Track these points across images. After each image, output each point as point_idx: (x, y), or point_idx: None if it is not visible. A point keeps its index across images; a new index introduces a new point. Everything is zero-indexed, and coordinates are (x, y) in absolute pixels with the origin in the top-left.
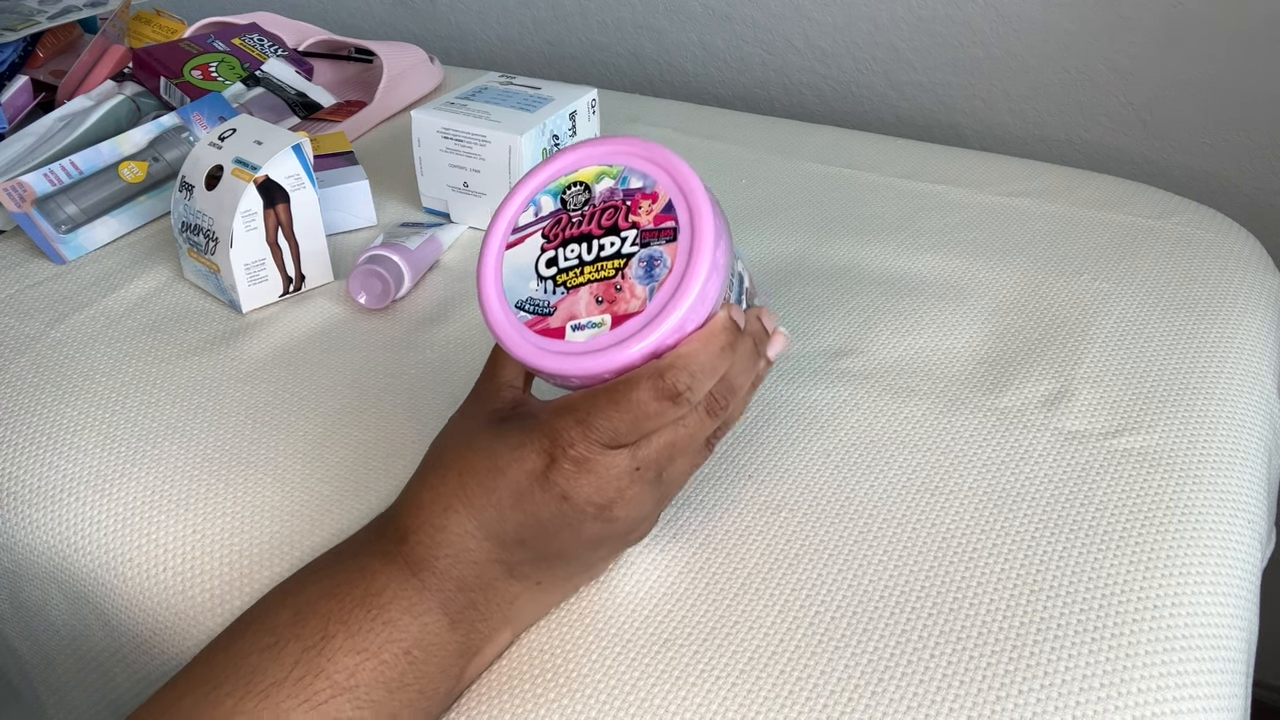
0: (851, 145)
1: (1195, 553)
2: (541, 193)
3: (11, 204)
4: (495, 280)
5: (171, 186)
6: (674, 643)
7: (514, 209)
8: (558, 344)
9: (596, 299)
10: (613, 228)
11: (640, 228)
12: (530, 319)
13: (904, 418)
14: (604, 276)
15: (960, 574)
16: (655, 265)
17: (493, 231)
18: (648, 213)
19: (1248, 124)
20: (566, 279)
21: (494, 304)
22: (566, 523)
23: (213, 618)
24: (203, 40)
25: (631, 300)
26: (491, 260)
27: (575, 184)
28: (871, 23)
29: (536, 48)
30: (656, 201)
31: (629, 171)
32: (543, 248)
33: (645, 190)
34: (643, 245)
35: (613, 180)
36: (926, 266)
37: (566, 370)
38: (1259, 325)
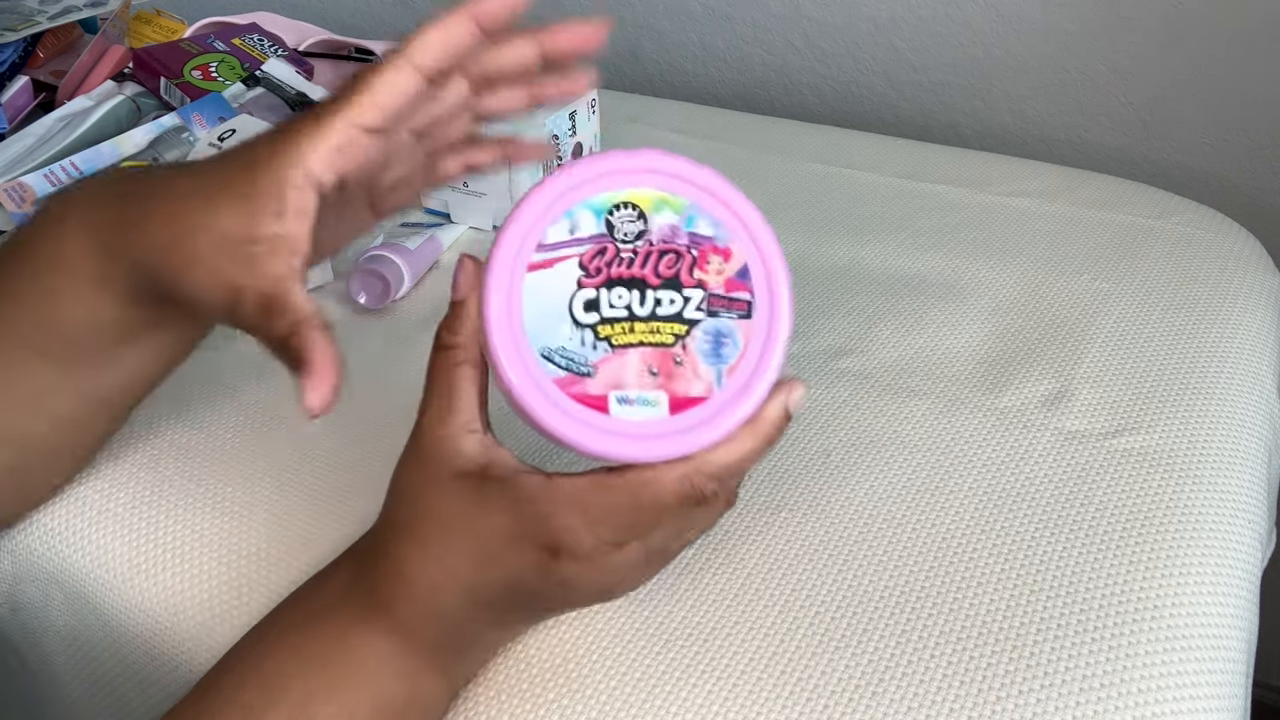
0: (851, 145)
1: (1195, 553)
2: (580, 205)
3: (11, 205)
4: (512, 311)
5: None
6: (674, 643)
7: (538, 214)
8: (600, 419)
9: (650, 370)
10: (673, 280)
11: (708, 289)
12: (562, 377)
13: (904, 418)
14: (661, 343)
15: (960, 574)
16: (724, 343)
17: (507, 239)
18: (718, 272)
19: (1248, 124)
20: (612, 334)
21: (510, 347)
22: (566, 599)
23: (212, 617)
24: (203, 40)
25: (694, 381)
26: (506, 281)
27: (627, 205)
28: (871, 23)
29: None
30: (729, 261)
31: (697, 211)
32: (580, 282)
33: (717, 243)
34: (710, 314)
35: (676, 216)
36: (926, 266)
37: (611, 453)
38: (1259, 325)
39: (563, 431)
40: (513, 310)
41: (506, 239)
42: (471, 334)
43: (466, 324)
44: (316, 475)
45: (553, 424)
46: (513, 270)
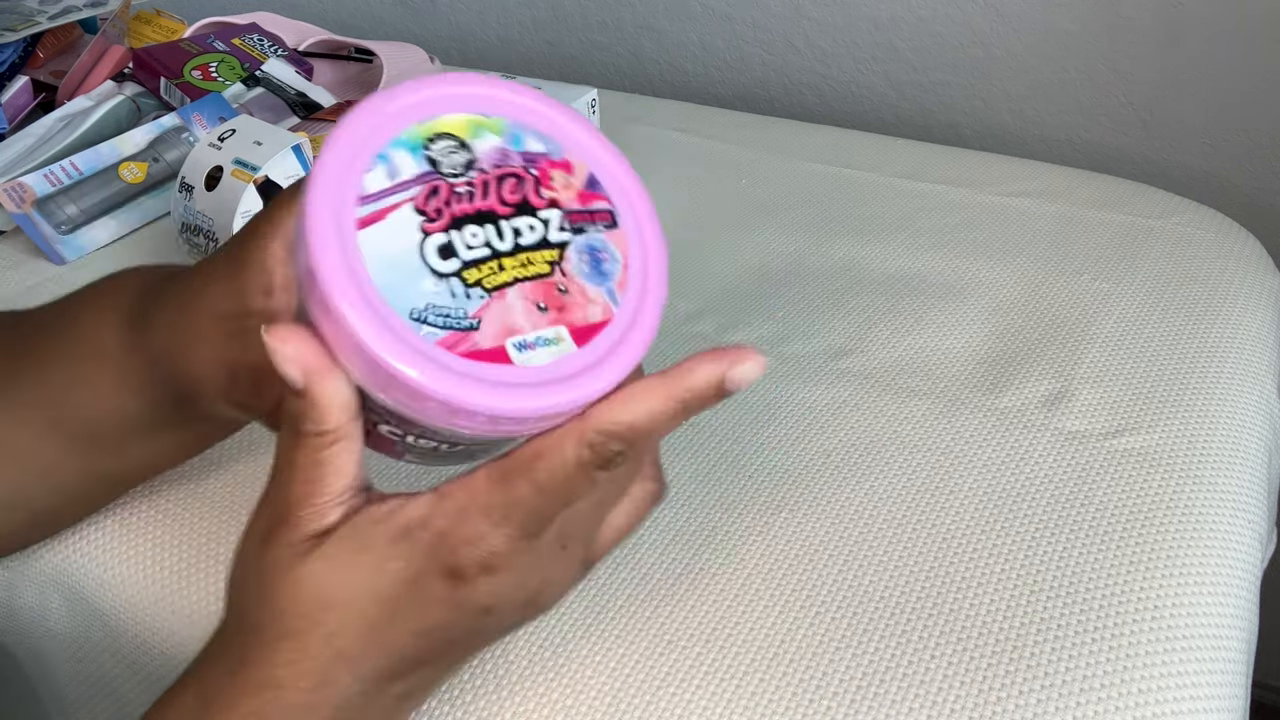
0: (851, 145)
1: (1195, 553)
2: (390, 145)
3: (11, 204)
4: (358, 278)
5: (171, 187)
6: (675, 644)
7: (345, 164)
8: (509, 372)
9: (538, 305)
10: (524, 205)
11: (564, 206)
12: (445, 336)
13: (904, 418)
14: (538, 274)
15: (960, 574)
16: (602, 259)
17: (318, 198)
18: (566, 186)
19: (1248, 124)
20: (481, 277)
21: (372, 321)
22: (485, 633)
23: (211, 616)
24: (203, 40)
25: (589, 306)
26: (336, 244)
27: (442, 136)
28: (871, 23)
29: (536, 48)
30: (573, 173)
31: (518, 127)
32: (424, 229)
33: (552, 157)
34: (575, 231)
35: (499, 138)
36: (926, 266)
37: (538, 408)
38: (1259, 325)
39: (471, 399)
40: (360, 279)
41: (317, 198)
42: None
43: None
44: None
45: (456, 393)
46: (340, 231)
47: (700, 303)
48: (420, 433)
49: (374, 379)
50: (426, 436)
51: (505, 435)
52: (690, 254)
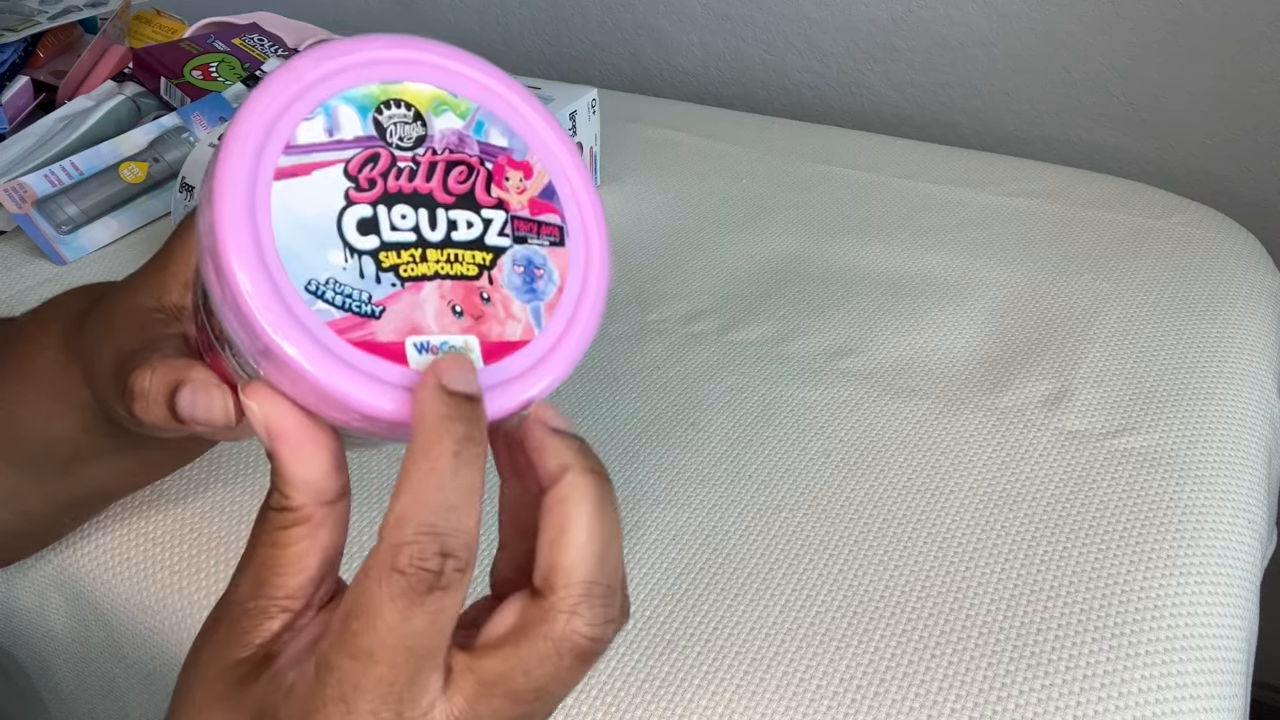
0: (851, 145)
1: (1195, 553)
2: (338, 97)
3: (12, 205)
4: (259, 230)
5: (171, 187)
6: (676, 645)
7: (282, 106)
8: (398, 373)
9: (453, 308)
10: (468, 198)
11: (511, 211)
12: (339, 319)
13: (904, 418)
14: (462, 275)
15: (960, 574)
16: (537, 276)
17: (241, 134)
18: (518, 190)
19: (1248, 124)
20: (399, 263)
21: (261, 278)
22: None
23: None
24: (203, 40)
25: (509, 322)
26: (246, 189)
27: (398, 103)
28: (871, 23)
29: (536, 48)
30: (531, 178)
31: (486, 116)
32: (349, 196)
33: (513, 155)
34: (516, 239)
35: (460, 121)
36: (926, 266)
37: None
38: (1259, 325)
39: (348, 392)
40: (260, 229)
41: (240, 134)
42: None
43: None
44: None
45: (334, 382)
46: (254, 174)
47: (700, 303)
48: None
49: (251, 345)
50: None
51: (388, 438)
52: (690, 254)
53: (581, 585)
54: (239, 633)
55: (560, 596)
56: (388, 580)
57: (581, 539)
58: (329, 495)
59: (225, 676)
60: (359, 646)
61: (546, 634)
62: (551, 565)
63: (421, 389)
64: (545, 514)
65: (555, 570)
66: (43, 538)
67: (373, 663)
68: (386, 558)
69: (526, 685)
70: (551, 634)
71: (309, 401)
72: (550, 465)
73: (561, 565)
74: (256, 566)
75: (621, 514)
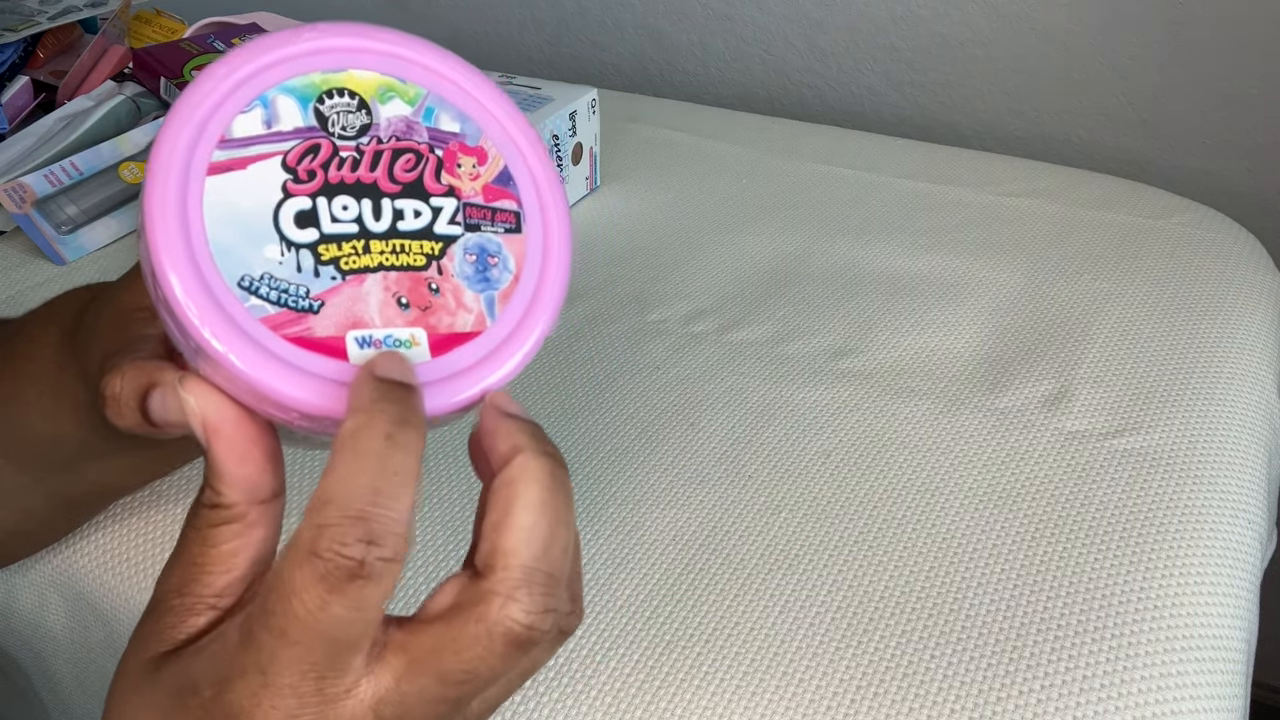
0: (851, 145)
1: (1195, 553)
2: (277, 89)
3: (12, 205)
4: (190, 225)
5: None
6: (676, 645)
7: (218, 99)
8: (337, 368)
9: (399, 300)
10: (415, 186)
11: (463, 198)
12: (273, 314)
13: (904, 418)
14: (409, 265)
15: (960, 574)
16: (491, 264)
17: (175, 128)
18: (471, 176)
19: (1248, 124)
20: (340, 255)
21: (190, 275)
22: None
23: None
24: (203, 40)
25: (460, 313)
26: (178, 184)
27: (341, 92)
28: (871, 23)
29: (536, 48)
30: (485, 164)
31: (437, 103)
32: (287, 188)
33: (465, 140)
34: (469, 227)
35: (409, 108)
36: (926, 266)
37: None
38: (1259, 325)
39: (280, 390)
40: (190, 225)
41: (174, 128)
42: (241, 491)
43: (231, 481)
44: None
45: (266, 380)
46: (186, 170)
47: (700, 303)
48: None
49: (185, 345)
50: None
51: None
52: (690, 254)
53: (521, 570)
54: (163, 628)
55: (498, 579)
56: (306, 564)
57: (526, 521)
58: (263, 493)
59: (146, 667)
60: (275, 625)
61: (480, 616)
62: (493, 547)
63: (355, 378)
64: (492, 495)
65: (495, 552)
66: (42, 537)
67: (289, 643)
68: (306, 540)
69: (455, 666)
70: (485, 617)
71: (247, 400)
72: (501, 448)
73: (502, 547)
74: (185, 563)
75: (620, 514)
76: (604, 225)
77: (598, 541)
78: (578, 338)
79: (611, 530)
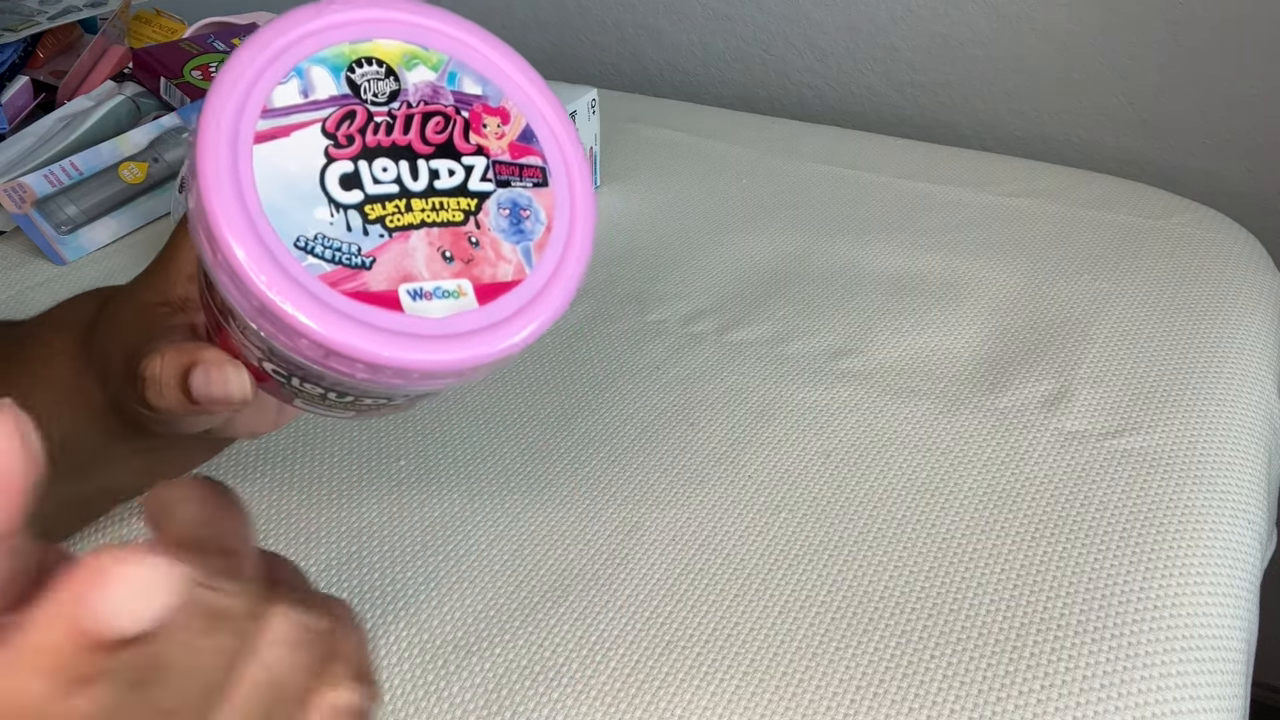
0: (851, 145)
1: (1195, 553)
2: (310, 60)
3: (12, 205)
4: (244, 193)
5: (171, 187)
6: (676, 645)
7: (256, 72)
8: (395, 319)
9: (444, 254)
10: (447, 147)
11: (491, 156)
12: (329, 272)
13: (904, 418)
14: (449, 221)
15: (960, 574)
16: (524, 217)
17: (218, 102)
18: (498, 135)
19: (1248, 124)
20: (385, 215)
21: (250, 239)
22: None
23: None
24: (203, 40)
25: (499, 263)
26: (228, 155)
27: (370, 61)
28: (871, 23)
29: (537, 48)
30: (509, 123)
31: (459, 67)
32: (329, 153)
33: (488, 101)
34: (500, 183)
35: (433, 74)
36: (926, 266)
37: (421, 363)
38: (1259, 325)
39: (347, 341)
40: (244, 192)
41: (218, 101)
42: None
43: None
44: (313, 471)
45: (331, 333)
46: (235, 140)
47: (700, 303)
48: (304, 375)
49: (247, 305)
50: (311, 380)
51: (390, 389)
52: (690, 254)
53: None
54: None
55: None
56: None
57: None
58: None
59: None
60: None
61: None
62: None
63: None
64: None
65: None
66: (47, 539)
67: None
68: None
69: None
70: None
71: (311, 356)
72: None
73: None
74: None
75: (620, 514)
76: (604, 225)
77: (598, 541)
78: (578, 338)
79: (611, 530)
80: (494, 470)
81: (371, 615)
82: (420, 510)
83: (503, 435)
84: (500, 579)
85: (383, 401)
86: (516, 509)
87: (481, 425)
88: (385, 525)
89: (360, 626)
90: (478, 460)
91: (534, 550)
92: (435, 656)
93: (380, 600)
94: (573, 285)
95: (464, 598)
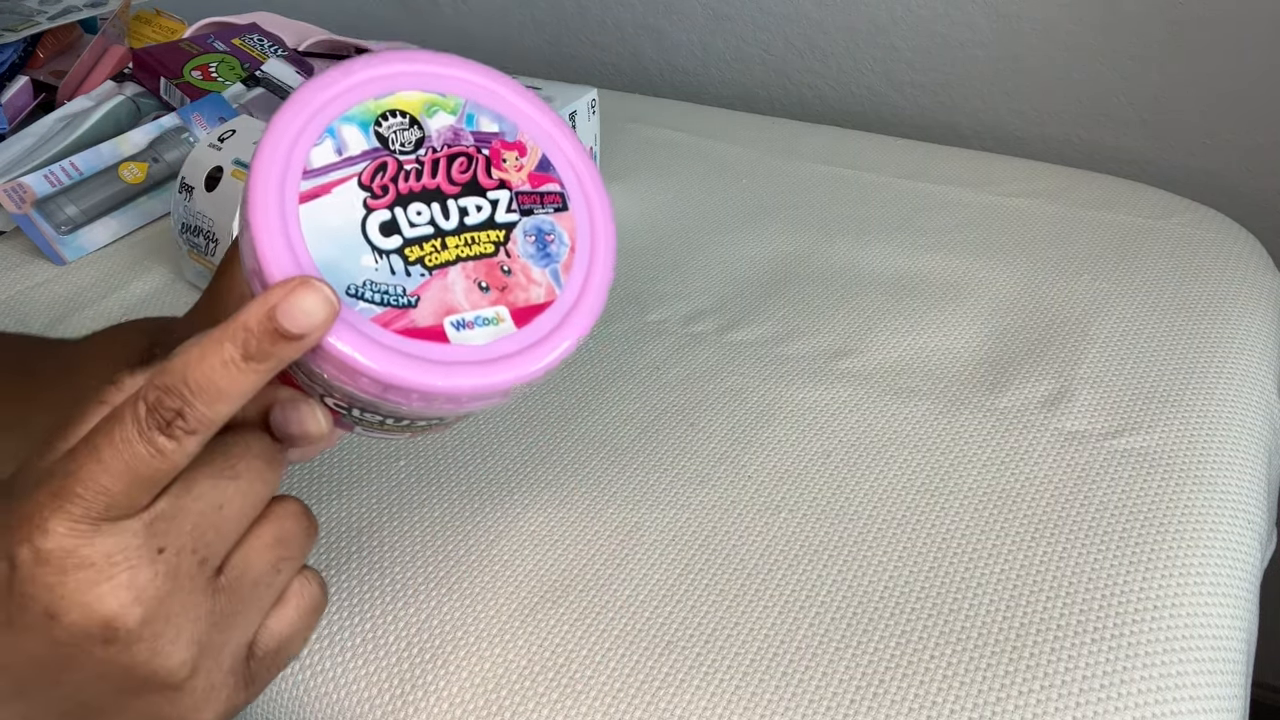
0: (851, 145)
1: (1195, 553)
2: (340, 120)
3: (12, 205)
4: (296, 250)
5: (171, 187)
6: (676, 645)
7: (293, 137)
8: (442, 351)
9: (479, 285)
10: (472, 185)
11: (513, 188)
12: (381, 313)
13: (904, 418)
14: (481, 254)
15: (960, 574)
16: (549, 241)
17: (263, 170)
18: (517, 168)
19: (1248, 124)
20: (423, 255)
21: None
22: (68, 659)
23: None
24: (203, 40)
25: (532, 287)
26: (277, 217)
27: (394, 114)
28: (871, 23)
29: (536, 48)
30: (526, 155)
31: (475, 108)
32: (368, 204)
33: (505, 137)
34: (524, 212)
35: (452, 117)
36: (926, 266)
37: (470, 388)
38: (1259, 325)
39: (402, 376)
40: (296, 249)
41: (263, 168)
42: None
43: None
44: (316, 467)
45: (388, 370)
46: (281, 203)
47: (700, 303)
48: (363, 407)
49: (310, 352)
50: (369, 411)
51: (443, 411)
52: (690, 254)
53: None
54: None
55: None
56: (133, 406)
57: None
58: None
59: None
60: (93, 443)
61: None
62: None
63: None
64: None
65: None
66: None
67: (96, 460)
68: (144, 389)
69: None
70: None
71: (371, 391)
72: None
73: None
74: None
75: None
76: None
77: (598, 541)
78: None
79: (611, 530)
80: (494, 470)
81: (371, 615)
82: (420, 510)
83: (503, 435)
84: (500, 579)
85: (435, 421)
86: (516, 509)
87: (481, 425)
88: (385, 525)
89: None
90: (478, 460)
91: (534, 550)
92: (435, 656)
93: (380, 600)
94: (601, 298)
95: (464, 597)
